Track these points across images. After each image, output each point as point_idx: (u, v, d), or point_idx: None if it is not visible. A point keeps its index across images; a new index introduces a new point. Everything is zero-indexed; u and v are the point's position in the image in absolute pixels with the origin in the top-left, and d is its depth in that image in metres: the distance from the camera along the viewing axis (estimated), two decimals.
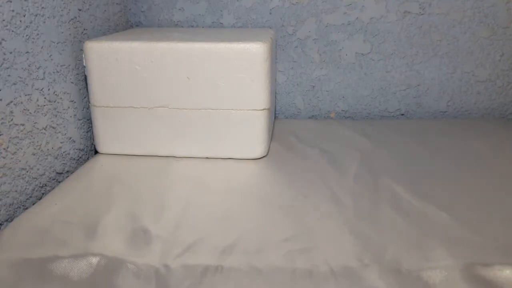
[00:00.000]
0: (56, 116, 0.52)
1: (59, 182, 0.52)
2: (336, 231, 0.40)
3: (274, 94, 0.70)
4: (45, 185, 0.50)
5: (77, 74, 0.57)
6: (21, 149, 0.46)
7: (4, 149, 0.43)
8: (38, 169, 0.49)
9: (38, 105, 0.48)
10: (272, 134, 0.65)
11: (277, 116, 0.79)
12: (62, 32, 0.53)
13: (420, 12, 0.71)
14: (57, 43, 0.52)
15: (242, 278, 0.34)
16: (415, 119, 0.77)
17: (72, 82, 0.56)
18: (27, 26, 0.46)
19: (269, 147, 0.60)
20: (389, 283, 0.34)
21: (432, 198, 0.46)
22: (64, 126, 0.54)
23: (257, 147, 0.56)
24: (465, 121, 0.74)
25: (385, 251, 0.37)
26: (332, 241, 0.38)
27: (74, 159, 0.57)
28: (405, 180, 0.50)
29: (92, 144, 0.61)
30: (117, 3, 0.70)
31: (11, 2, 0.43)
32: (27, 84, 0.46)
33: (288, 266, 0.35)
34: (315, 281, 0.34)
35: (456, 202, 0.45)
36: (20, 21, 0.45)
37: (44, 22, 0.49)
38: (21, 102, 0.45)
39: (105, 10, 0.65)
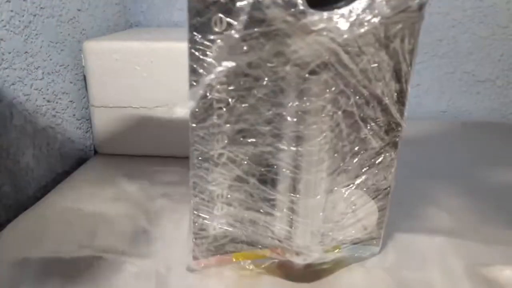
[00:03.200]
0: (55, 116, 0.52)
1: (59, 182, 0.51)
2: None
3: None
4: (45, 185, 0.50)
5: (76, 74, 0.57)
6: (20, 149, 0.45)
7: (4, 149, 0.43)
8: (37, 170, 0.48)
9: (37, 106, 0.48)
10: None
11: None
12: (61, 32, 0.53)
13: None
14: (56, 43, 0.52)
15: None
16: (415, 119, 0.77)
17: (71, 82, 0.55)
18: (26, 26, 0.46)
19: None
20: None
21: (431, 198, 0.46)
22: (63, 127, 0.54)
23: None
24: (465, 121, 0.74)
25: None
26: None
27: (73, 159, 0.57)
28: (404, 179, 0.50)
29: (91, 144, 0.61)
30: (116, 3, 0.70)
31: (9, 2, 0.43)
32: (26, 84, 0.46)
33: None
34: None
35: (455, 202, 0.45)
36: (19, 21, 0.45)
37: (43, 22, 0.49)
38: (20, 103, 0.45)
39: (104, 10, 0.65)
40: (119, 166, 0.55)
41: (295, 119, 0.28)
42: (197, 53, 0.26)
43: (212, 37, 0.25)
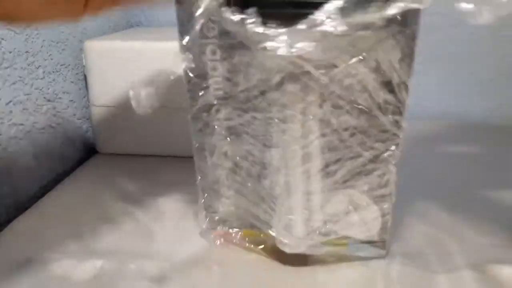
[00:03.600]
0: (55, 115, 0.52)
1: (59, 182, 0.52)
2: None
3: None
4: (45, 185, 0.50)
5: (77, 73, 0.57)
6: (21, 149, 0.45)
7: (4, 149, 0.43)
8: (37, 169, 0.48)
9: (38, 105, 0.48)
10: None
11: None
12: (62, 32, 0.53)
13: None
14: (57, 43, 0.52)
15: None
16: (415, 119, 0.76)
17: (71, 82, 0.55)
18: (26, 25, 0.46)
19: None
20: None
21: (432, 198, 0.46)
22: (64, 126, 0.54)
23: None
24: (465, 121, 0.74)
25: None
26: None
27: (74, 159, 0.57)
28: (405, 180, 0.50)
29: (92, 143, 0.61)
30: None
31: None
32: (26, 83, 0.46)
33: None
34: None
35: (455, 201, 0.45)
36: None
37: None
38: (20, 102, 0.45)
39: None
40: (119, 166, 0.55)
41: (268, 125, 0.29)
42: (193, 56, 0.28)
43: (198, 43, 0.28)
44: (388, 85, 0.28)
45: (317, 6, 0.23)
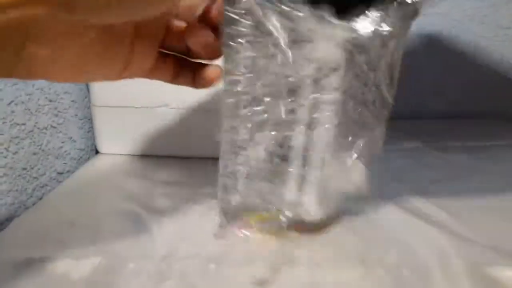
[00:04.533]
0: (57, 115, 0.52)
1: (60, 182, 0.52)
2: None
3: None
4: (46, 184, 0.50)
5: None
6: (22, 148, 0.46)
7: (5, 148, 0.43)
8: (38, 169, 0.49)
9: (39, 105, 0.48)
10: None
11: None
12: None
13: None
14: None
15: None
16: (415, 119, 0.77)
17: None
18: None
19: None
20: None
21: (432, 197, 0.46)
22: (65, 126, 0.54)
23: None
24: (465, 121, 0.74)
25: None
26: None
27: (75, 159, 0.57)
28: (406, 179, 0.50)
29: (93, 144, 0.61)
30: None
31: None
32: (28, 84, 0.46)
33: None
34: None
35: (455, 201, 0.45)
36: None
37: None
38: (22, 102, 0.45)
39: None
40: (120, 166, 0.55)
41: (312, 108, 0.33)
42: (230, 54, 0.31)
43: (241, 42, 0.31)
44: (390, 64, 0.34)
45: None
